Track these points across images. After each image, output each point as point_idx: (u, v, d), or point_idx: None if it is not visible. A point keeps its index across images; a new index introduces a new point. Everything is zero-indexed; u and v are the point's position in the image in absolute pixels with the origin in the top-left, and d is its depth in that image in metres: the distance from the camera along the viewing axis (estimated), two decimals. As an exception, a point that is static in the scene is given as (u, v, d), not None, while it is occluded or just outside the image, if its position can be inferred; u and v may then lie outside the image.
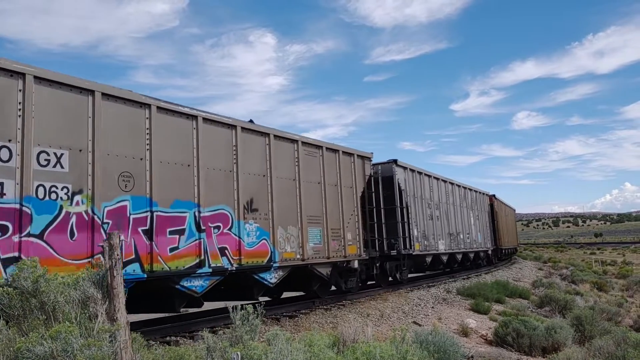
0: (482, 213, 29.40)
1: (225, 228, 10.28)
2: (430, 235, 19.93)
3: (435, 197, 21.37)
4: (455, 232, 23.33)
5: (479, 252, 27.93)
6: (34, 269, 5.17)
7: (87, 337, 4.57)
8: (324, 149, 13.78)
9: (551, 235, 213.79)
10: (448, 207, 22.91)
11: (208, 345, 5.83)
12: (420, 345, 7.68)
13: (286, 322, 11.15)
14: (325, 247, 13.21)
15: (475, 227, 27.18)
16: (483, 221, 29.34)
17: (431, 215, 20.39)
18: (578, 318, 12.47)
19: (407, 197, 17.97)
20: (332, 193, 13.96)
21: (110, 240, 5.06)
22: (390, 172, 17.49)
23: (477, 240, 27.13)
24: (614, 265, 45.08)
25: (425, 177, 20.65)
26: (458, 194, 24.84)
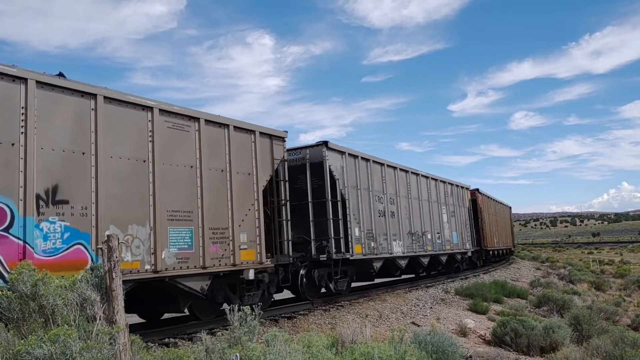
0: (460, 209, 25.26)
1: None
2: (381, 236, 16.36)
3: (390, 189, 17.64)
4: (420, 231, 19.56)
5: (454, 254, 23.56)
6: (33, 273, 5.18)
7: (86, 339, 4.58)
8: (201, 122, 10.39)
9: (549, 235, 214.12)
10: (410, 201, 19.02)
11: (207, 347, 5.84)
12: (418, 345, 7.70)
13: (285, 323, 11.16)
14: (199, 252, 9.92)
15: (450, 225, 23.10)
16: (461, 219, 25.18)
17: (383, 211, 16.77)
18: (576, 317, 12.50)
19: (345, 188, 14.61)
20: (215, 181, 10.59)
21: (109, 242, 5.08)
22: (320, 157, 14.12)
23: (452, 241, 23.04)
24: (612, 265, 45.16)
25: (376, 166, 17.04)
26: (426, 186, 21.00)
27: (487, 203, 32.28)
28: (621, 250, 73.89)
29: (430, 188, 21.40)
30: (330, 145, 14.25)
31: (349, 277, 15.17)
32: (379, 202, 16.64)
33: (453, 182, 24.75)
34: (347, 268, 14.87)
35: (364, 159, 16.15)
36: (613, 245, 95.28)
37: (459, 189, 25.73)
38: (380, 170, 17.26)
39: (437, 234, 21.24)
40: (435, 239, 20.86)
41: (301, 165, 14.23)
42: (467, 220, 26.34)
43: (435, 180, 22.27)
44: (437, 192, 22.29)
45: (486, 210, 31.33)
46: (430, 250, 20.25)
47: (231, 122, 11.22)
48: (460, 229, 24.74)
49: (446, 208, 23.08)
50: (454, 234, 23.49)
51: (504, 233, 39.22)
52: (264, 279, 11.69)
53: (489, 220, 32.00)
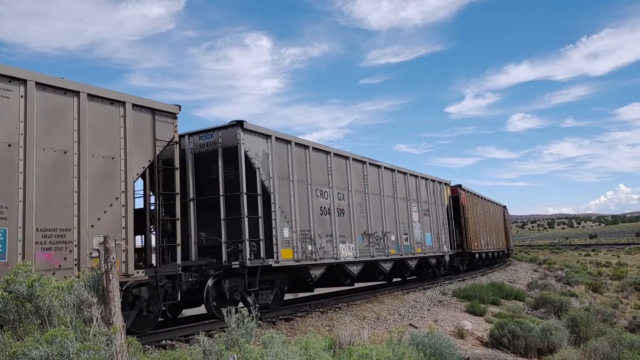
0: (437, 207, 22.07)
1: None
2: (323, 237, 13.55)
3: (339, 182, 14.82)
4: (381, 232, 16.67)
5: (427, 258, 20.45)
6: (29, 273, 5.17)
7: (83, 341, 4.56)
8: (29, 85, 7.88)
9: (546, 237, 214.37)
10: (367, 197, 16.16)
11: (204, 349, 5.83)
12: (416, 347, 7.70)
13: (282, 325, 11.14)
14: (18, 262, 7.12)
15: (422, 225, 20.00)
16: (438, 218, 22.00)
17: (328, 209, 13.98)
18: (573, 319, 12.51)
19: (270, 179, 11.96)
20: (52, 165, 8.07)
21: (105, 243, 5.06)
22: (234, 141, 11.45)
23: (424, 243, 19.96)
24: (609, 267, 45.26)
25: (319, 154, 14.19)
26: (391, 180, 18.06)
27: (472, 201, 28.90)
28: (618, 252, 73.97)
29: (396, 182, 18.33)
30: (246, 126, 11.50)
31: (277, 288, 12.46)
32: (321, 197, 13.82)
33: (427, 177, 21.47)
34: (273, 277, 12.28)
35: (300, 145, 13.35)
36: (610, 247, 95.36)
37: (436, 184, 22.34)
38: (326, 160, 14.42)
39: (404, 235, 18.22)
40: (401, 241, 17.89)
41: (213, 151, 11.75)
42: (446, 220, 22.95)
43: (403, 174, 19.18)
44: (407, 187, 19.19)
45: (471, 209, 28.02)
46: (394, 254, 17.22)
47: (84, 89, 8.62)
48: (437, 230, 21.61)
49: (418, 206, 19.90)
50: (427, 236, 20.31)
51: (496, 234, 35.86)
52: (140, 294, 9.27)
53: (475, 219, 28.70)
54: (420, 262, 19.96)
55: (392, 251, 17.19)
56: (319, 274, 13.35)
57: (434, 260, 21.37)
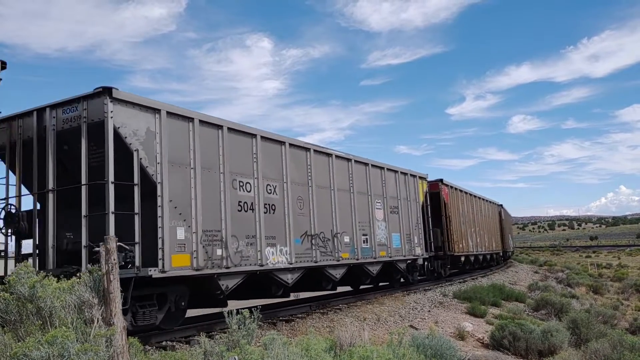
0: (410, 204, 18.84)
1: None
2: (241, 239, 10.79)
3: (269, 172, 11.89)
4: (330, 232, 13.73)
5: (395, 262, 17.25)
6: (30, 274, 5.17)
7: (83, 342, 4.57)
8: None
9: (547, 239, 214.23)
10: (310, 191, 13.20)
11: (205, 350, 5.83)
12: (417, 349, 7.70)
13: (283, 327, 11.14)
14: None
15: (389, 224, 16.98)
16: (411, 217, 18.78)
17: (250, 204, 11.20)
18: (574, 321, 12.51)
19: (157, 165, 9.29)
20: None
21: (106, 244, 5.07)
22: (101, 115, 8.79)
23: (390, 245, 16.89)
24: (610, 268, 45.25)
25: (239, 137, 11.27)
26: (347, 172, 15.14)
27: (457, 198, 25.67)
28: (619, 254, 73.97)
29: (353, 174, 15.32)
30: (118, 95, 8.82)
31: (171, 304, 9.75)
32: (241, 189, 11.04)
33: (397, 169, 18.39)
34: (165, 290, 9.61)
35: (208, 124, 10.58)
36: (611, 249, 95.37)
37: (408, 178, 19.16)
38: (251, 145, 11.54)
39: (362, 237, 15.30)
40: (358, 243, 14.93)
41: (77, 127, 9.09)
42: (420, 219, 19.71)
43: (364, 165, 16.17)
44: (368, 180, 16.18)
45: (456, 207, 24.80)
46: (347, 258, 14.28)
47: None
48: (408, 230, 18.47)
49: (383, 202, 16.92)
50: (394, 237, 17.28)
51: (489, 235, 32.51)
52: None
53: (461, 219, 25.49)
54: (385, 268, 16.79)
55: (344, 255, 14.20)
56: (233, 285, 10.57)
57: (404, 264, 18.06)
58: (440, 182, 23.31)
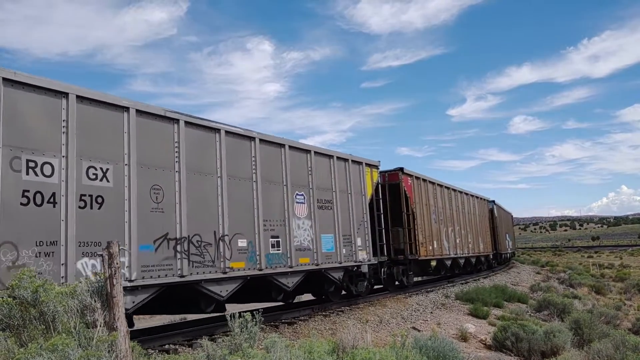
0: (351, 198, 15.11)
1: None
2: (28, 247, 7.27)
3: (91, 149, 8.37)
4: (212, 234, 10.29)
5: (325, 271, 13.46)
6: (33, 279, 5.18)
7: (86, 347, 4.57)
8: None
9: (548, 239, 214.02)
10: (177, 178, 9.69)
11: (207, 353, 5.83)
12: (419, 350, 7.69)
13: (285, 329, 11.14)
14: None
15: (316, 223, 13.33)
16: (352, 213, 15.07)
17: (52, 195, 7.71)
18: (577, 322, 12.49)
19: None
20: None
21: (109, 248, 5.07)
22: None
23: (319, 250, 13.29)
24: (612, 269, 45.15)
25: (30, 94, 7.63)
26: (248, 155, 11.52)
27: (425, 190, 21.12)
28: (621, 254, 73.86)
29: (257, 158, 11.63)
30: None
31: None
32: (30, 171, 7.54)
33: (331, 153, 14.54)
34: None
35: (41, 88, 7.76)
36: (613, 249, 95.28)
37: (348, 165, 15.24)
38: (59, 108, 8.08)
39: (271, 240, 11.75)
40: (262, 248, 11.34)
41: None
42: (367, 216, 15.84)
43: (278, 146, 12.46)
44: (284, 166, 12.51)
45: (422, 201, 20.51)
46: (241, 268, 10.81)
47: None
48: (347, 230, 14.69)
49: (308, 195, 13.20)
50: (324, 239, 13.62)
51: (476, 235, 28.48)
52: None
53: (431, 216, 21.27)
54: (310, 278, 13.29)
55: (236, 264, 10.72)
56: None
57: (339, 273, 14.21)
58: (401, 172, 19.15)
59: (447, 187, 24.74)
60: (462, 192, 27.35)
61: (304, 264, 12.70)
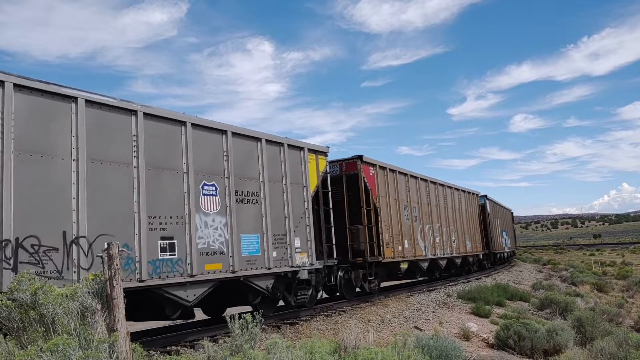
0: (286, 189, 12.52)
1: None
2: None
3: None
4: (62, 236, 7.75)
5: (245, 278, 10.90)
6: (32, 281, 5.16)
7: (86, 348, 4.55)
8: None
9: (550, 237, 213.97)
10: (58, 165, 7.85)
11: (209, 355, 5.81)
12: (422, 350, 7.66)
13: (287, 330, 11.12)
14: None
15: (231, 220, 10.80)
16: (289, 209, 12.51)
17: None
18: (579, 320, 12.46)
19: None
20: None
21: (109, 250, 5.05)
22: None
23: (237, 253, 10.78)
24: (614, 266, 45.10)
25: None
26: (129, 134, 9.10)
27: (392, 182, 18.23)
28: (623, 252, 73.80)
29: (139, 138, 9.18)
30: None
31: None
32: None
33: (258, 136, 11.88)
34: None
35: None
36: (614, 247, 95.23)
37: (283, 149, 12.61)
38: None
39: (160, 241, 9.20)
40: (142, 252, 8.82)
41: None
42: (310, 212, 13.20)
43: (176, 125, 9.95)
44: (184, 150, 9.97)
45: (389, 195, 17.70)
46: None
47: None
48: (283, 229, 12.18)
49: (223, 184, 10.69)
50: (245, 239, 11.04)
51: (462, 233, 25.41)
52: None
53: (402, 212, 18.51)
54: (227, 289, 11.05)
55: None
56: None
57: (267, 281, 11.48)
58: (359, 160, 16.11)
59: (425, 180, 21.77)
60: (445, 185, 24.33)
61: (214, 271, 10.02)
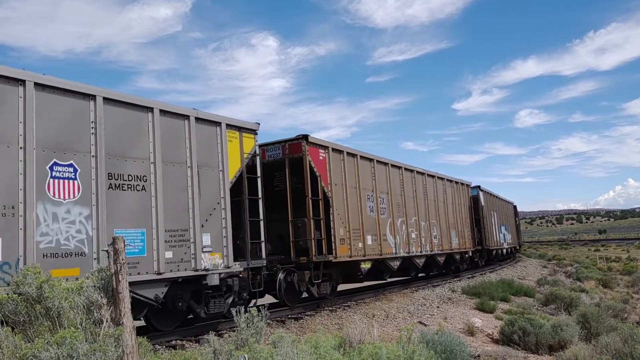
0: (191, 173, 9.97)
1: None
2: None
3: None
4: None
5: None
6: (38, 275, 5.17)
7: (92, 342, 4.57)
8: None
9: (555, 233, 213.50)
10: None
11: (214, 349, 5.83)
12: (426, 345, 7.66)
13: (291, 324, 11.14)
14: None
15: (98, 212, 8.19)
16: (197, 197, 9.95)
17: None
18: (584, 315, 12.43)
19: None
20: None
21: (114, 244, 5.06)
22: None
23: (98, 254, 8.04)
24: (619, 262, 44.95)
25: None
26: None
27: (352, 169, 15.46)
28: (628, 247, 73.57)
29: None
30: None
31: None
32: None
33: (148, 104, 9.33)
34: None
35: None
36: (620, 242, 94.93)
37: (189, 124, 10.11)
38: None
39: None
40: None
41: None
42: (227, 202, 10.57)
43: (10, 82, 7.35)
44: (20, 117, 7.46)
45: (346, 183, 14.84)
46: None
47: None
48: (183, 223, 9.62)
49: (83, 167, 8.17)
50: (131, 235, 8.65)
51: (446, 227, 22.37)
52: None
53: (364, 203, 15.67)
54: None
55: None
56: None
57: (157, 289, 8.99)
58: (305, 141, 13.42)
59: (398, 166, 18.63)
60: (425, 173, 21.13)
61: (66, 278, 7.28)
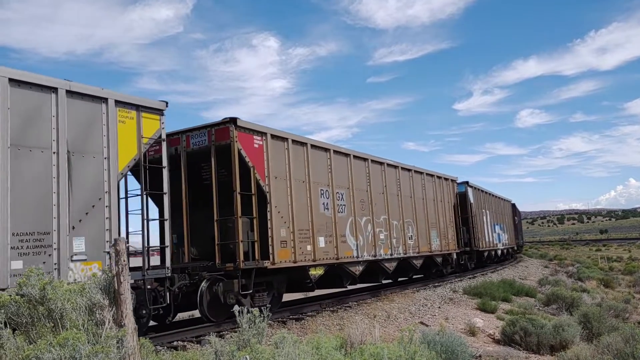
0: (68, 162, 8.15)
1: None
2: None
3: None
4: None
5: None
6: (41, 276, 5.19)
7: (94, 343, 4.58)
8: None
9: (556, 233, 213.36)
10: None
11: (216, 350, 5.83)
12: (427, 345, 7.66)
13: (293, 325, 11.15)
14: None
15: None
16: (72, 193, 8.13)
17: None
18: (585, 315, 12.42)
19: None
20: None
21: (116, 246, 5.07)
22: None
23: None
24: (620, 262, 44.91)
25: None
26: None
27: (301, 159, 13.42)
28: (629, 247, 73.51)
29: None
30: None
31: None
32: None
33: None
34: None
35: None
36: (621, 242, 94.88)
37: (54, 98, 8.02)
38: None
39: None
40: None
41: None
42: (111, 198, 8.61)
43: None
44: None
45: (291, 175, 12.77)
46: None
47: None
48: (55, 224, 7.80)
49: None
50: None
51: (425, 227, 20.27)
52: None
53: (315, 199, 13.61)
54: None
55: None
56: None
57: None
58: (233, 126, 11.30)
59: (363, 159, 16.53)
60: (399, 166, 18.93)
61: None
